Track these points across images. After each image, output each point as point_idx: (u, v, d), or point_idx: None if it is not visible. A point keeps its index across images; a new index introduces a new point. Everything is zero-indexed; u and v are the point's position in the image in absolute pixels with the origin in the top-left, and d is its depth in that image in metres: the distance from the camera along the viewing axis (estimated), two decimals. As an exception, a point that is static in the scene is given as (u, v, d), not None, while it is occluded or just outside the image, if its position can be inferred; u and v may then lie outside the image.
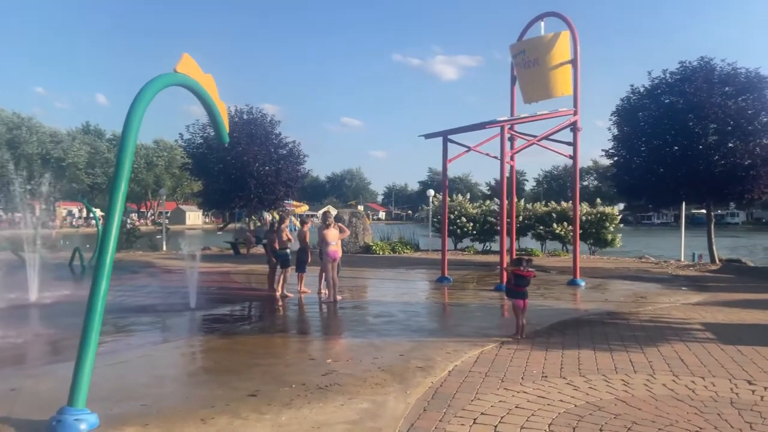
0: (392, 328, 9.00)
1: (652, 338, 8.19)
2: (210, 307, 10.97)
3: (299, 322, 10.29)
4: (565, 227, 23.82)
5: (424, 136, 15.28)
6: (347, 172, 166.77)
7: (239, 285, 14.70)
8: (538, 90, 15.23)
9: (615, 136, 20.74)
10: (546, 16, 15.67)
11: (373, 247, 23.24)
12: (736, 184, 18.10)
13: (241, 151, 23.97)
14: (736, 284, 14.80)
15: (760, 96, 18.33)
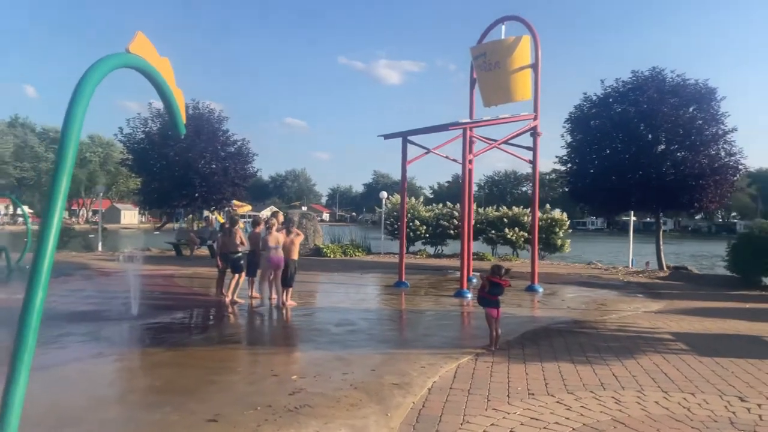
0: (357, 339, 8.44)
1: (628, 349, 7.96)
2: (155, 315, 10.08)
3: (255, 332, 9.57)
4: (516, 232, 23.89)
5: (384, 137, 14.81)
6: (290, 173, 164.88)
7: (185, 290, 13.77)
8: (498, 93, 15.01)
9: (568, 143, 20.85)
10: (507, 20, 15.48)
11: (324, 249, 22.57)
12: (685, 193, 18.46)
13: (185, 147, 22.80)
14: (687, 291, 14.97)
15: (708, 107, 18.79)
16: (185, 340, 8.33)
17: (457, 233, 24.51)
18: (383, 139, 14.81)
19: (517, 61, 14.50)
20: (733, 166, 18.81)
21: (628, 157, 19.11)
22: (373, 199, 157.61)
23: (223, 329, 9.46)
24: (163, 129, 23.57)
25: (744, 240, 15.69)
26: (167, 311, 10.59)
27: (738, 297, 13.95)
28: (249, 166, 25.30)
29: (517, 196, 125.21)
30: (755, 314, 11.36)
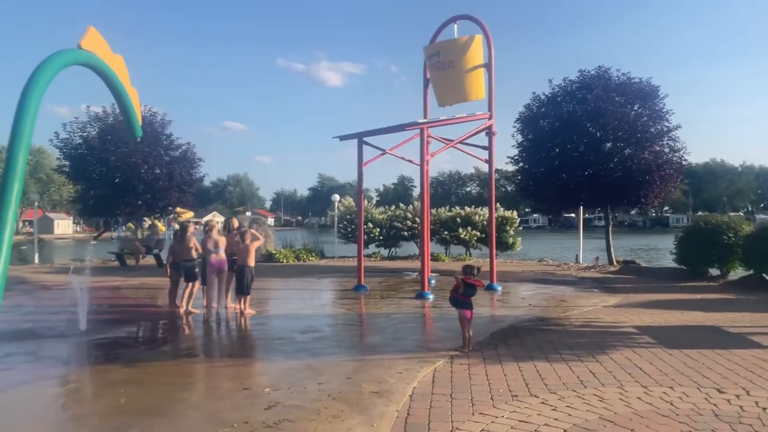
0: (325, 346, 8.15)
1: (598, 345, 7.98)
2: (105, 330, 9.49)
3: (216, 344, 9.12)
4: (469, 231, 24.01)
5: (339, 138, 14.53)
6: (233, 178, 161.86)
7: (134, 301, 13.12)
8: (453, 93, 14.98)
9: (519, 142, 21.11)
10: (459, 19, 15.50)
11: (277, 255, 22.04)
12: (632, 189, 18.97)
13: (127, 152, 21.82)
14: (640, 285, 15.34)
15: (652, 105, 19.38)
16: (141, 355, 7.83)
17: (411, 235, 24.52)
18: (339, 140, 14.53)
19: (471, 61, 14.51)
20: (677, 161, 19.46)
21: (577, 155, 19.49)
22: (319, 203, 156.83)
23: (182, 342, 8.98)
24: (103, 133, 22.55)
25: (691, 233, 16.21)
26: (118, 325, 10.01)
27: (688, 288, 14.37)
28: (195, 171, 24.50)
29: (462, 196, 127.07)
30: (708, 305, 11.68)
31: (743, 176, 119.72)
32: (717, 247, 15.25)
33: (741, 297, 12.82)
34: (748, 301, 12.16)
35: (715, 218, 16.26)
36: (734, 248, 15.18)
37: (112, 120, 22.80)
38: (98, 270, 19.68)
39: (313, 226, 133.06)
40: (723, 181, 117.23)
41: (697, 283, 15.32)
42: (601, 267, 19.97)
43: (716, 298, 12.79)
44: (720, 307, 11.28)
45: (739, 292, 13.65)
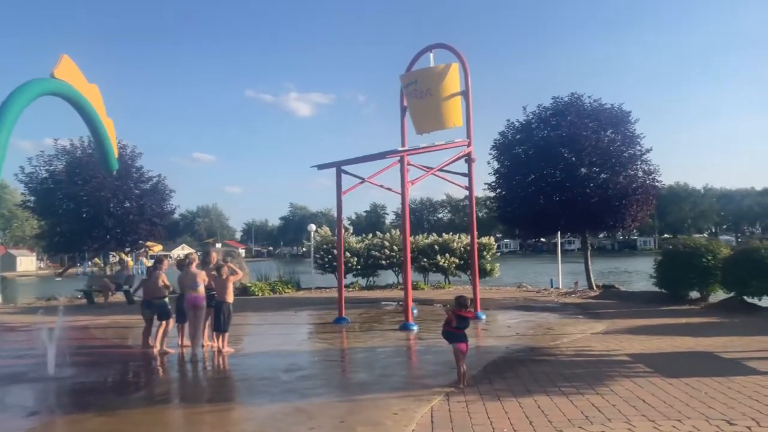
0: (313, 386, 7.76)
1: (595, 375, 7.75)
2: (76, 374, 8.90)
3: (195, 387, 8.63)
4: (447, 258, 23.82)
5: (317, 167, 14.29)
6: (202, 209, 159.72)
7: (105, 342, 12.50)
8: (430, 121, 14.92)
9: (496, 169, 21.15)
10: (435, 48, 15.54)
11: (252, 288, 21.50)
12: (610, 214, 19.09)
13: (96, 185, 21.20)
14: (622, 309, 15.27)
15: (624, 129, 19.65)
16: (116, 402, 7.33)
17: (390, 263, 24.22)
18: (316, 169, 14.28)
19: (448, 89, 14.48)
20: (651, 185, 19.69)
21: (553, 181, 19.58)
22: (290, 232, 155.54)
23: (158, 386, 8.48)
24: (70, 167, 21.91)
25: (669, 256, 16.27)
26: (89, 368, 9.45)
27: (671, 312, 14.34)
28: (166, 203, 23.92)
29: (434, 223, 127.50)
30: (695, 329, 11.61)
31: (706, 199, 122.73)
32: (696, 270, 15.30)
33: (725, 320, 12.80)
34: (733, 325, 12.14)
35: (693, 241, 16.39)
36: (713, 271, 15.25)
37: (80, 153, 22.20)
38: (65, 308, 18.84)
39: (285, 256, 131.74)
40: (687, 204, 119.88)
41: (679, 307, 15.31)
42: (581, 292, 19.92)
43: (701, 322, 12.75)
44: (707, 332, 11.21)
45: (722, 315, 13.64)
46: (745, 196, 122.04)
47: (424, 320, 13.99)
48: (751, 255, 14.11)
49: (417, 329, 12.42)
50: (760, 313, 13.60)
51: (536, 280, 32.08)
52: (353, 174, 14.59)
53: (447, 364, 8.83)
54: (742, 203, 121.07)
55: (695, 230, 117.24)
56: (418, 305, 16.28)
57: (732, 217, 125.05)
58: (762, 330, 11.34)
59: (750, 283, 14.03)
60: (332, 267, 24.46)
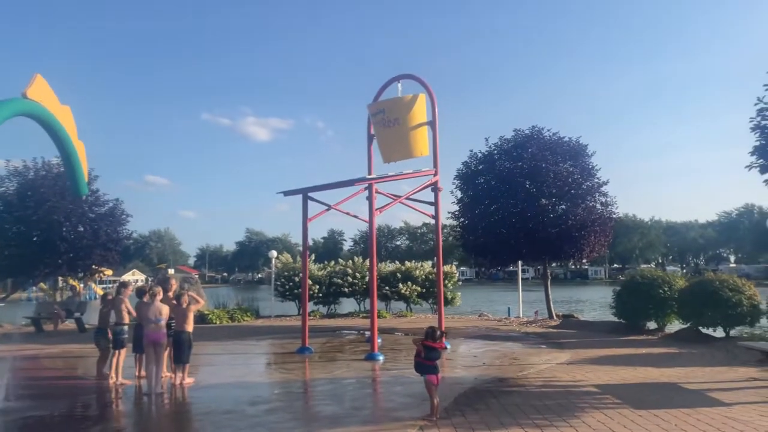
0: (281, 419, 7.54)
1: (566, 407, 7.79)
2: (25, 407, 8.43)
3: (159, 421, 8.25)
4: (410, 286, 23.79)
5: (283, 193, 14.14)
6: (154, 233, 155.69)
7: (57, 373, 11.90)
8: (398, 150, 14.99)
9: (459, 198, 21.39)
10: (402, 78, 15.69)
11: (209, 315, 20.94)
12: (569, 244, 19.49)
13: (48, 209, 20.40)
14: (584, 339, 15.49)
15: (582, 162, 20.21)
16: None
17: (352, 291, 24.02)
18: (282, 195, 14.13)
19: (416, 118, 14.63)
20: (608, 216, 20.24)
21: (515, 211, 19.90)
22: (246, 258, 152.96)
23: (118, 421, 8.10)
24: (22, 189, 21.05)
25: (628, 288, 16.63)
26: (41, 401, 8.97)
27: (630, 343, 14.61)
28: (123, 228, 23.19)
29: (391, 250, 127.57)
30: (656, 360, 11.85)
31: (653, 230, 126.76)
32: (654, 300, 15.68)
33: (683, 351, 13.10)
34: (691, 355, 12.43)
35: (651, 272, 16.80)
36: (669, 302, 15.65)
37: (32, 175, 21.38)
38: (11, 337, 17.96)
39: (240, 282, 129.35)
40: (635, 235, 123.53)
41: (637, 337, 15.63)
42: (541, 321, 20.14)
43: (661, 352, 13.01)
44: (668, 362, 11.45)
45: (679, 345, 13.96)
46: (689, 228, 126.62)
47: (389, 350, 13.87)
48: (706, 287, 14.56)
49: (383, 359, 12.29)
50: (715, 343, 13.98)
51: (494, 308, 32.35)
52: (319, 201, 14.50)
53: (417, 395, 8.75)
54: (687, 235, 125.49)
55: (643, 260, 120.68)
56: (381, 334, 16.14)
57: (677, 248, 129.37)
58: (719, 361, 11.65)
59: (705, 314, 14.45)
60: (293, 294, 24.14)
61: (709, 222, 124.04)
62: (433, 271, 24.02)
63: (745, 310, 14.19)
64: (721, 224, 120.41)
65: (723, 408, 7.63)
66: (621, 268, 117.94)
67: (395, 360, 12.46)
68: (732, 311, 14.07)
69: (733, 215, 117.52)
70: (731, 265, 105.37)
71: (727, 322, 14.43)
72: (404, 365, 11.78)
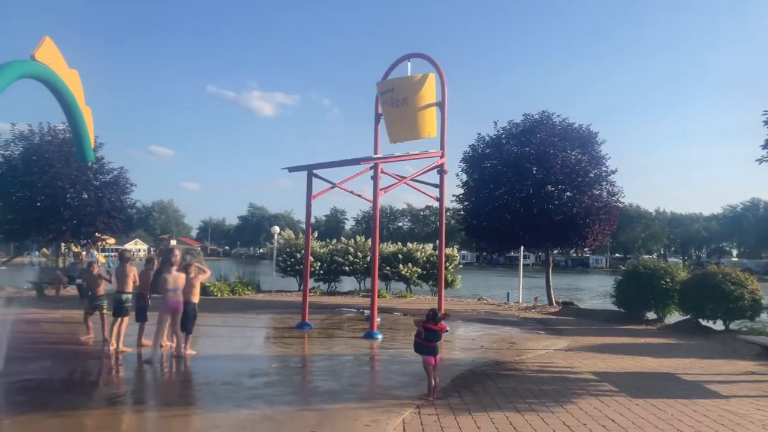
0: (279, 392, 7.58)
1: (562, 393, 7.81)
2: (26, 371, 8.50)
3: (158, 389, 8.29)
4: (410, 268, 23.82)
5: (288, 169, 14.09)
6: (157, 204, 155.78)
7: (57, 337, 11.98)
8: (405, 130, 14.88)
9: (464, 182, 21.29)
10: (412, 57, 15.55)
11: (211, 288, 21.03)
12: (574, 232, 19.42)
13: (53, 174, 20.39)
14: (582, 327, 15.51)
15: (591, 150, 20.05)
16: (73, 402, 7.01)
17: (353, 270, 24.07)
18: (288, 171, 14.09)
19: (425, 99, 14.50)
20: (614, 205, 20.14)
21: (520, 197, 19.82)
22: (248, 233, 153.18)
23: (119, 387, 8.14)
24: (27, 154, 21.01)
25: (629, 277, 16.61)
26: (42, 365, 9.06)
27: (629, 332, 14.63)
28: (126, 197, 23.19)
29: (393, 231, 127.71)
30: (654, 350, 11.87)
31: (657, 221, 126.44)
32: (655, 291, 15.68)
33: (682, 342, 13.12)
34: (690, 347, 12.45)
35: (653, 263, 16.77)
36: (670, 293, 15.64)
37: (38, 140, 21.32)
38: (12, 300, 18.07)
39: (241, 256, 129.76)
40: (639, 225, 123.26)
41: (636, 327, 15.65)
42: (541, 307, 20.18)
43: (659, 342, 13.04)
44: (667, 353, 11.46)
45: (678, 336, 13.99)
46: (694, 221, 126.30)
47: (388, 329, 13.94)
48: (709, 279, 14.53)
49: (381, 338, 12.35)
50: (714, 335, 13.99)
51: (492, 293, 32.46)
52: (324, 178, 14.46)
53: (415, 375, 8.80)
54: (690, 227, 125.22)
55: (645, 251, 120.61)
56: (380, 314, 16.19)
57: (680, 240, 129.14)
58: (718, 353, 11.67)
59: (706, 307, 14.44)
60: (294, 270, 24.21)
61: (714, 215, 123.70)
62: (434, 253, 24.05)
63: (747, 304, 14.16)
64: (725, 218, 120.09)
65: (720, 400, 7.64)
66: (622, 257, 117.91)
67: (393, 339, 12.52)
68: (733, 305, 14.04)
69: (738, 209, 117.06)
70: (733, 259, 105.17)
71: (728, 315, 14.42)
72: (402, 344, 11.85)
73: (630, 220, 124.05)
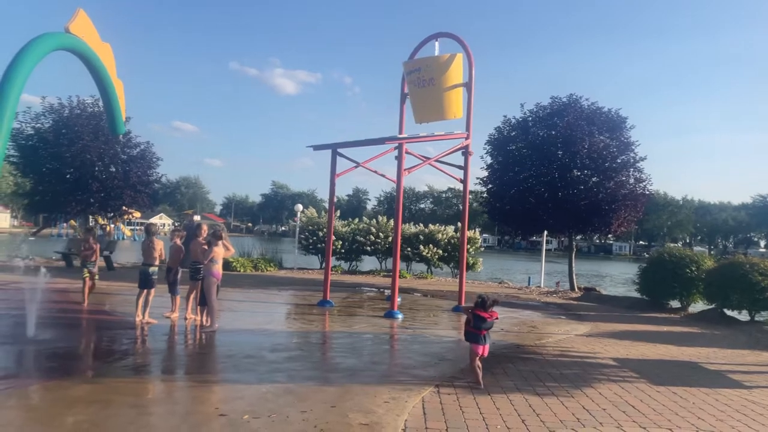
0: (300, 367, 7.69)
1: (582, 378, 7.80)
2: (57, 339, 8.74)
3: (183, 359, 8.45)
4: (431, 249, 23.84)
5: (313, 147, 14.12)
6: (184, 179, 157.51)
7: (85, 307, 12.27)
8: (431, 111, 14.80)
9: (489, 164, 21.14)
10: (440, 36, 15.39)
11: (234, 263, 21.31)
12: (598, 217, 19.21)
13: (82, 147, 20.74)
14: (604, 314, 15.41)
15: (620, 135, 19.73)
16: (102, 369, 7.23)
17: (374, 250, 24.17)
18: (312, 149, 14.12)
19: (451, 79, 14.37)
20: (641, 192, 19.85)
21: (545, 181, 19.63)
22: (271, 210, 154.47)
23: (145, 356, 8.33)
24: (57, 126, 21.39)
25: (654, 265, 16.42)
26: (69, 333, 9.31)
27: (652, 320, 14.50)
28: (153, 171, 23.52)
29: (415, 212, 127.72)
30: (677, 338, 11.75)
31: (683, 209, 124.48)
32: (680, 279, 15.49)
33: (706, 332, 12.98)
34: (713, 336, 12.31)
35: (678, 251, 16.55)
36: (696, 282, 15.44)
37: (67, 113, 21.67)
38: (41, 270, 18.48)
39: (263, 233, 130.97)
40: (665, 213, 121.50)
41: (659, 315, 15.49)
42: (562, 292, 20.08)
43: (682, 331, 12.91)
44: (690, 342, 11.35)
45: (702, 326, 13.83)
46: (722, 210, 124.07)
47: (408, 309, 14.00)
48: (735, 269, 14.28)
49: (402, 318, 12.42)
50: (739, 326, 13.81)
51: (514, 277, 32.38)
52: (348, 157, 14.47)
53: (434, 355, 8.88)
54: (718, 216, 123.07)
55: (670, 239, 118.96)
56: (401, 294, 16.27)
57: (707, 229, 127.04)
58: (742, 344, 11.52)
59: (731, 297, 14.22)
60: (316, 249, 24.40)
61: (744, 204, 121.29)
62: (456, 235, 24.02)
63: (774, 295, 13.92)
64: (755, 207, 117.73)
65: (743, 390, 7.57)
66: (647, 245, 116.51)
67: (414, 319, 12.58)
68: (760, 296, 13.79)
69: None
70: (761, 249, 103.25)
71: (754, 306, 14.17)
72: (422, 325, 11.92)
73: (656, 207, 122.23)
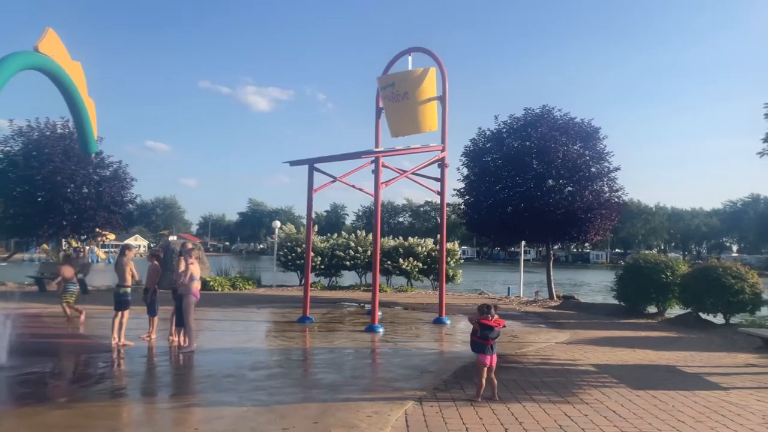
0: (281, 385, 7.60)
1: (563, 385, 7.84)
2: (30, 363, 8.53)
3: (161, 381, 8.30)
4: (411, 262, 23.86)
5: (290, 163, 14.10)
6: (159, 201, 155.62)
7: (59, 331, 12.02)
8: (406, 124, 14.88)
9: (465, 176, 21.30)
10: (413, 51, 15.51)
11: (211, 282, 21.02)
12: (575, 227, 19.43)
13: (53, 169, 20.41)
14: (583, 321, 15.54)
15: (593, 145, 20.04)
16: (77, 394, 7.05)
17: (353, 264, 24.11)
18: (289, 165, 14.09)
19: (426, 93, 14.49)
20: (616, 201, 20.14)
21: (521, 191, 19.83)
22: (248, 228, 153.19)
23: (122, 379, 8.17)
24: (27, 149, 21.04)
25: (630, 271, 16.62)
26: (44, 358, 9.09)
27: (630, 326, 14.66)
28: (127, 191, 23.20)
29: (394, 226, 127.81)
30: (655, 343, 11.89)
31: (657, 216, 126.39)
32: (656, 285, 15.70)
33: (683, 335, 13.16)
34: (690, 340, 12.48)
35: (654, 257, 16.80)
36: (671, 287, 15.66)
37: (37, 135, 21.34)
38: (13, 295, 18.08)
39: (242, 252, 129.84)
40: (639, 221, 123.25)
41: (637, 320, 15.67)
42: (542, 301, 20.21)
43: (660, 336, 13.07)
44: (667, 346, 11.49)
45: (679, 330, 14.02)
46: (694, 216, 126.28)
47: (389, 323, 13.97)
48: (709, 273, 14.53)
49: (383, 331, 12.38)
50: (714, 329, 14.01)
51: (493, 288, 32.50)
52: (325, 172, 14.46)
53: (416, 368, 8.86)
54: (691, 222, 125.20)
55: (645, 246, 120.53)
56: (381, 307, 16.22)
57: (680, 235, 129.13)
58: (718, 346, 11.69)
59: (706, 300, 14.45)
60: (295, 265, 24.26)
61: (715, 210, 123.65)
62: (435, 248, 24.07)
63: (747, 298, 14.17)
64: (725, 213, 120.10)
65: (720, 392, 7.67)
66: (623, 253, 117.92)
67: (395, 332, 12.55)
68: (733, 298, 14.06)
69: (738, 205, 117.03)
70: (733, 254, 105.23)
71: (728, 309, 14.43)
72: (404, 338, 11.89)
73: (630, 215, 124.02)
